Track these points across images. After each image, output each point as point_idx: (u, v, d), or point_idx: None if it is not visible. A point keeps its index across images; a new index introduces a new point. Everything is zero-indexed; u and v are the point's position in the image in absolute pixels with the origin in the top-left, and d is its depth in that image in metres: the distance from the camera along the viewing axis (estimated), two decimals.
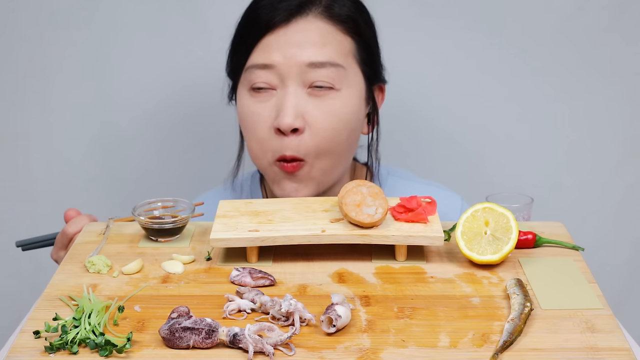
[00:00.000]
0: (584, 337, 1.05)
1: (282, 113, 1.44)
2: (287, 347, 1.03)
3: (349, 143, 1.51)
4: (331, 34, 1.46)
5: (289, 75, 1.44)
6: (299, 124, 1.44)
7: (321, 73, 1.44)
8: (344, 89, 1.47)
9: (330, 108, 1.46)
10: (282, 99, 1.45)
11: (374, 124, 1.58)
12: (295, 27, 1.46)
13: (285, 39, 1.45)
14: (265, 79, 1.46)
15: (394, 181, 1.65)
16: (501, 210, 1.24)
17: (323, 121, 1.45)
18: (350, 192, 1.26)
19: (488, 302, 1.14)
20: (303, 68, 1.44)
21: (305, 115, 1.45)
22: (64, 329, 1.05)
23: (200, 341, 1.03)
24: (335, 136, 1.47)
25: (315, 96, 1.45)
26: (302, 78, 1.45)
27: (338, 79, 1.46)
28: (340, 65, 1.46)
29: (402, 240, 1.24)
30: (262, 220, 1.28)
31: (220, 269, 1.24)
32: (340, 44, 1.47)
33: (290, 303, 1.08)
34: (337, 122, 1.46)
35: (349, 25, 1.48)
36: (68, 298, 1.16)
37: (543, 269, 1.22)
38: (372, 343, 1.04)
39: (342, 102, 1.47)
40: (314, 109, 1.45)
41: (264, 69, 1.46)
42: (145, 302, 1.15)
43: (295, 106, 1.44)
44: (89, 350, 1.03)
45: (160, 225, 1.31)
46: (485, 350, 1.03)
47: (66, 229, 1.45)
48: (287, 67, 1.44)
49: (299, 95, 1.45)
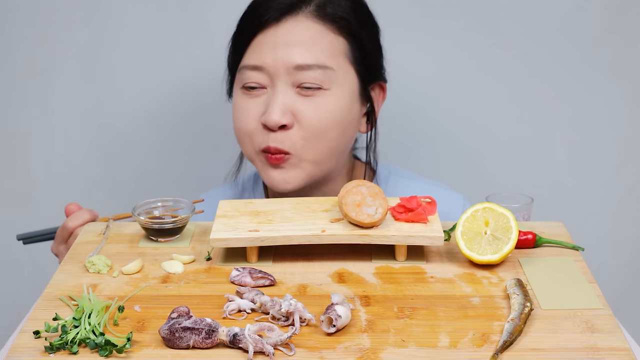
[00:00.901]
0: (584, 337, 1.05)
1: (270, 110, 1.46)
2: (287, 347, 1.03)
3: (340, 139, 1.51)
4: (321, 34, 1.47)
5: (277, 76, 1.46)
6: (286, 121, 1.46)
7: (309, 75, 1.46)
8: (334, 88, 1.48)
9: (319, 105, 1.47)
10: (271, 97, 1.47)
11: (373, 123, 1.58)
12: (285, 27, 1.47)
13: (275, 39, 1.47)
14: (256, 79, 1.48)
15: (396, 180, 1.65)
16: (501, 210, 1.24)
17: (311, 116, 1.46)
18: (350, 192, 1.26)
19: (488, 302, 1.14)
20: (290, 70, 1.46)
21: (294, 112, 1.46)
22: (64, 329, 1.05)
23: (200, 341, 1.03)
24: (324, 131, 1.47)
25: (304, 95, 1.47)
26: (290, 79, 1.46)
27: (327, 80, 1.47)
28: (329, 67, 1.46)
29: (402, 240, 1.24)
30: (262, 220, 1.28)
31: (220, 269, 1.24)
32: (330, 45, 1.48)
33: (290, 303, 1.08)
34: (325, 118, 1.47)
35: (341, 25, 1.48)
36: (68, 298, 1.16)
37: (543, 269, 1.22)
38: (372, 343, 1.04)
39: (332, 100, 1.47)
40: (302, 106, 1.47)
41: (255, 70, 1.48)
42: (145, 302, 1.15)
43: (283, 104, 1.46)
44: (89, 350, 1.03)
45: (160, 225, 1.31)
46: (485, 350, 1.03)
47: (67, 223, 1.46)
48: (275, 68, 1.46)
49: (287, 94, 1.46)
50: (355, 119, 1.53)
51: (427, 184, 1.66)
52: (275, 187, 1.50)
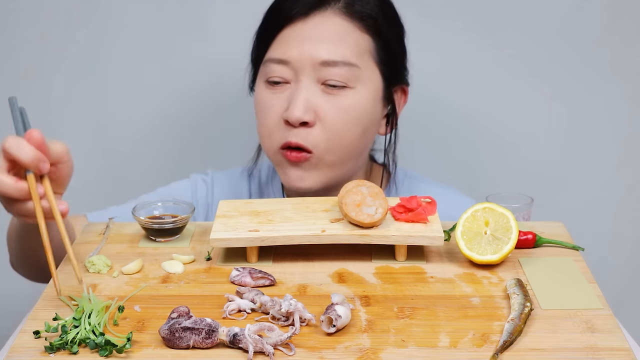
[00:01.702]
0: (584, 337, 1.05)
1: (292, 106, 1.45)
2: (287, 347, 1.03)
3: (361, 140, 1.51)
4: (348, 32, 1.47)
5: (302, 71, 1.46)
6: (308, 118, 1.45)
7: (334, 72, 1.45)
8: (359, 87, 1.47)
9: (343, 104, 1.46)
10: (295, 92, 1.46)
11: (393, 125, 1.58)
12: (313, 22, 1.47)
13: (302, 33, 1.46)
14: (281, 74, 1.47)
15: (410, 183, 1.65)
16: (501, 210, 1.24)
17: (334, 116, 1.46)
18: (350, 192, 1.26)
19: (488, 302, 1.14)
20: (316, 66, 1.45)
21: (317, 110, 1.46)
22: (64, 329, 1.05)
23: (200, 341, 1.03)
24: (346, 132, 1.47)
25: (328, 93, 1.46)
26: (315, 75, 1.46)
27: (352, 77, 1.46)
28: (354, 64, 1.46)
29: (402, 240, 1.24)
30: (262, 220, 1.28)
31: (220, 269, 1.24)
32: (357, 42, 1.47)
33: (290, 303, 1.08)
34: (348, 118, 1.47)
35: (368, 23, 1.48)
36: (68, 298, 1.16)
37: (543, 269, 1.22)
38: (372, 343, 1.04)
39: (356, 99, 1.47)
40: (325, 104, 1.46)
41: (280, 63, 1.47)
42: (145, 302, 1.15)
43: (305, 100, 1.45)
44: (89, 350, 1.03)
45: (160, 225, 1.31)
46: (485, 350, 1.03)
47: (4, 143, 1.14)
48: (301, 63, 1.45)
49: (311, 90, 1.46)
50: (376, 119, 1.53)
51: (442, 189, 1.65)
52: (291, 184, 1.49)
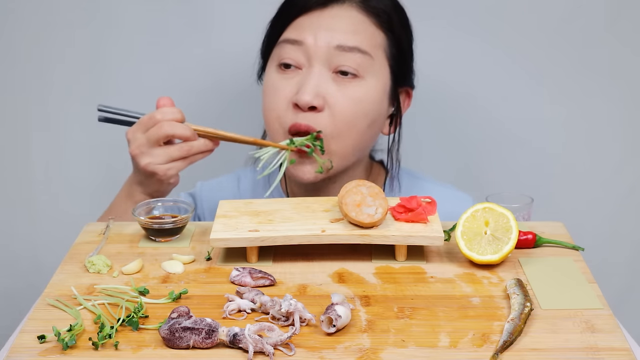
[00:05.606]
0: (584, 337, 1.05)
1: (303, 90, 1.46)
2: (287, 347, 1.03)
3: (367, 133, 1.52)
4: (364, 25, 1.49)
5: (315, 55, 1.47)
6: (317, 103, 1.46)
7: (348, 57, 1.47)
8: (369, 78, 1.49)
9: (353, 94, 1.48)
10: (306, 77, 1.48)
11: (396, 125, 1.59)
12: (330, 12, 1.49)
13: (319, 21, 1.48)
14: (294, 56, 1.49)
15: (411, 182, 1.66)
16: (501, 210, 1.24)
17: (343, 104, 1.47)
18: (350, 192, 1.26)
19: (488, 302, 1.14)
20: (331, 50, 1.47)
21: (327, 96, 1.47)
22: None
23: (200, 341, 1.03)
24: (354, 121, 1.48)
25: (339, 82, 1.48)
26: (328, 60, 1.47)
27: (364, 66, 1.48)
28: (368, 53, 1.48)
29: (402, 240, 1.24)
30: (262, 220, 1.28)
31: (220, 269, 1.24)
32: (371, 36, 1.49)
33: (290, 303, 1.08)
34: (357, 108, 1.48)
35: (383, 19, 1.51)
36: (63, 305, 1.14)
37: (543, 269, 1.22)
38: (372, 343, 1.04)
39: (366, 89, 1.48)
40: (336, 92, 1.47)
41: (294, 44, 1.49)
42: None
43: (316, 85, 1.46)
44: (91, 349, 1.03)
45: (160, 225, 1.31)
46: (485, 350, 1.03)
47: (155, 114, 1.42)
48: (315, 46, 1.47)
49: (323, 77, 1.47)
50: (383, 115, 1.54)
51: (443, 187, 1.67)
52: (295, 175, 1.51)
